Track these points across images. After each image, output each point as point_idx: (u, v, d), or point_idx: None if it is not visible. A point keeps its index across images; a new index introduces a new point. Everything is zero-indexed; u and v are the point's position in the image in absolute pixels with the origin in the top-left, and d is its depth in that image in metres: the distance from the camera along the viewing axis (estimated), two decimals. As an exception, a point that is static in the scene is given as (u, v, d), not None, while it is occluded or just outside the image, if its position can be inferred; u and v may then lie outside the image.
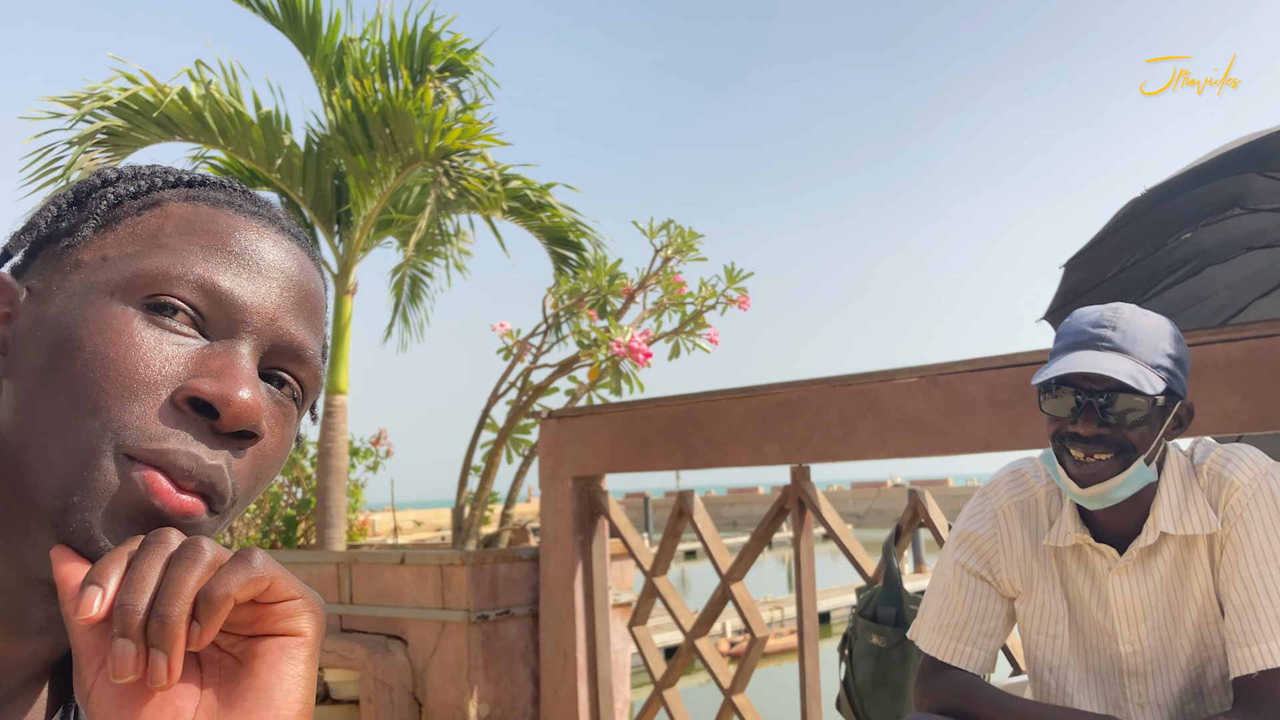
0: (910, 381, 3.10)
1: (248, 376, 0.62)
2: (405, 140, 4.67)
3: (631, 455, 3.75)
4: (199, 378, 0.61)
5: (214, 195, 0.69)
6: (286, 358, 0.67)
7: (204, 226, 0.66)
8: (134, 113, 4.52)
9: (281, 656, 0.56)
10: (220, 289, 0.64)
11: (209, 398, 0.60)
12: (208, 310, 0.64)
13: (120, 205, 0.67)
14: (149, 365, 0.61)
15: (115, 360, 0.60)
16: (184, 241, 0.65)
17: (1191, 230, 2.97)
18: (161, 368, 0.61)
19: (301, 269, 0.69)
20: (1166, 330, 1.67)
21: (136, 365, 0.60)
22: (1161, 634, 1.71)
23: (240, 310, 0.64)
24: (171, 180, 0.70)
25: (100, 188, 0.69)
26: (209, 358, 0.62)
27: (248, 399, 0.61)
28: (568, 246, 5.35)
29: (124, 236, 0.65)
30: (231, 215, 0.67)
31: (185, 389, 0.60)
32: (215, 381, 0.61)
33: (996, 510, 1.85)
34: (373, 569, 4.06)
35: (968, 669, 1.81)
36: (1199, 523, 1.66)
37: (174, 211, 0.67)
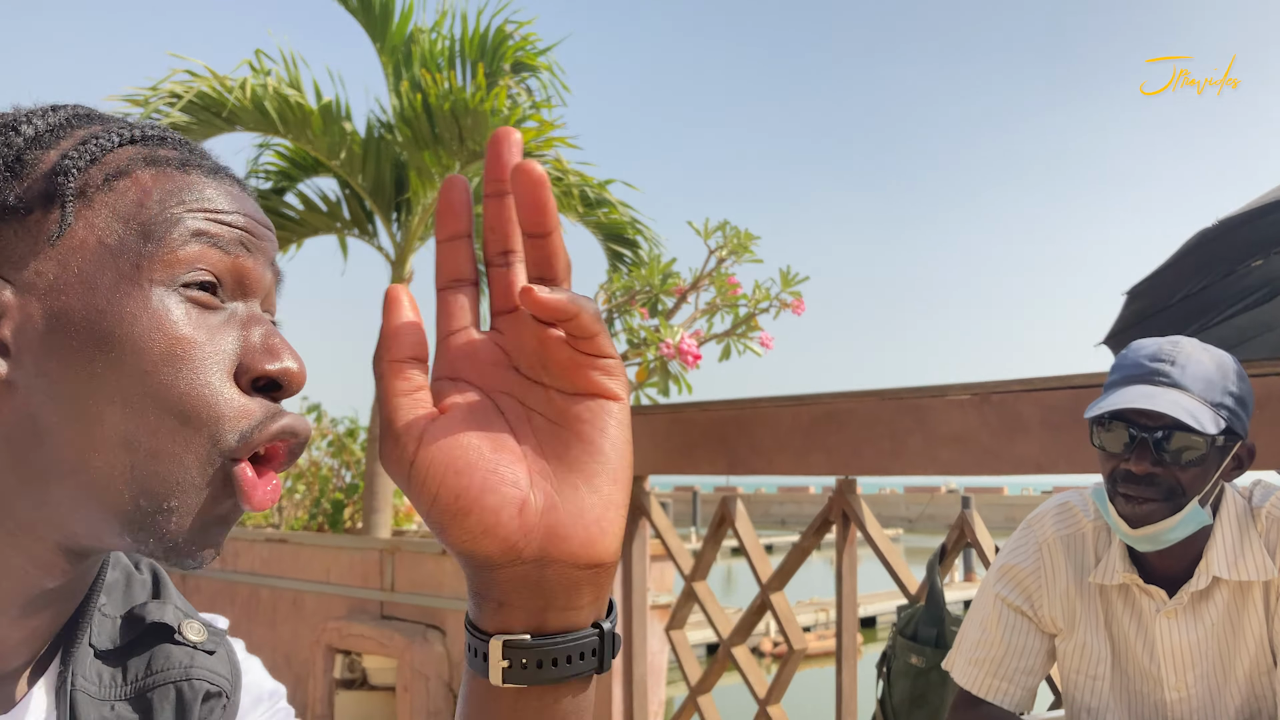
0: (962, 398, 3.03)
1: (286, 342, 0.65)
2: (472, 136, 4.69)
3: (676, 458, 3.73)
4: (253, 355, 0.63)
5: (168, 155, 0.67)
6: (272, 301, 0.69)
7: (185, 193, 0.65)
8: (198, 107, 4.59)
9: (606, 418, 0.53)
10: (230, 254, 0.65)
11: (275, 376, 0.63)
12: (223, 276, 0.65)
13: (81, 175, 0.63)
14: (214, 356, 0.62)
15: (186, 358, 0.61)
16: (177, 213, 0.63)
17: (1263, 258, 2.87)
18: (223, 354, 0.63)
19: (254, 205, 0.70)
20: (1229, 367, 1.60)
21: (206, 359, 0.61)
22: (1210, 682, 1.64)
23: (248, 273, 0.66)
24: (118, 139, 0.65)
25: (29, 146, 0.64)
26: (246, 329, 0.64)
27: (296, 369, 0.64)
28: (624, 244, 5.34)
29: (107, 216, 0.62)
30: (199, 175, 0.66)
31: (249, 371, 0.63)
32: (271, 358, 0.63)
33: (1041, 544, 1.80)
34: (415, 558, 4.09)
35: (1003, 705, 1.77)
36: (1255, 569, 1.59)
37: (144, 180, 0.64)
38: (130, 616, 0.74)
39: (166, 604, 0.76)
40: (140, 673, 0.73)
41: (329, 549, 4.45)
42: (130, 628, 0.74)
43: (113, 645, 0.72)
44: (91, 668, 0.70)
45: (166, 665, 0.73)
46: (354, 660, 4.22)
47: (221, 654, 0.78)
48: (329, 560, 4.42)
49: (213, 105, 4.60)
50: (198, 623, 0.77)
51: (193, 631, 0.76)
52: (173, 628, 0.75)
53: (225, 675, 0.77)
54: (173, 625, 0.75)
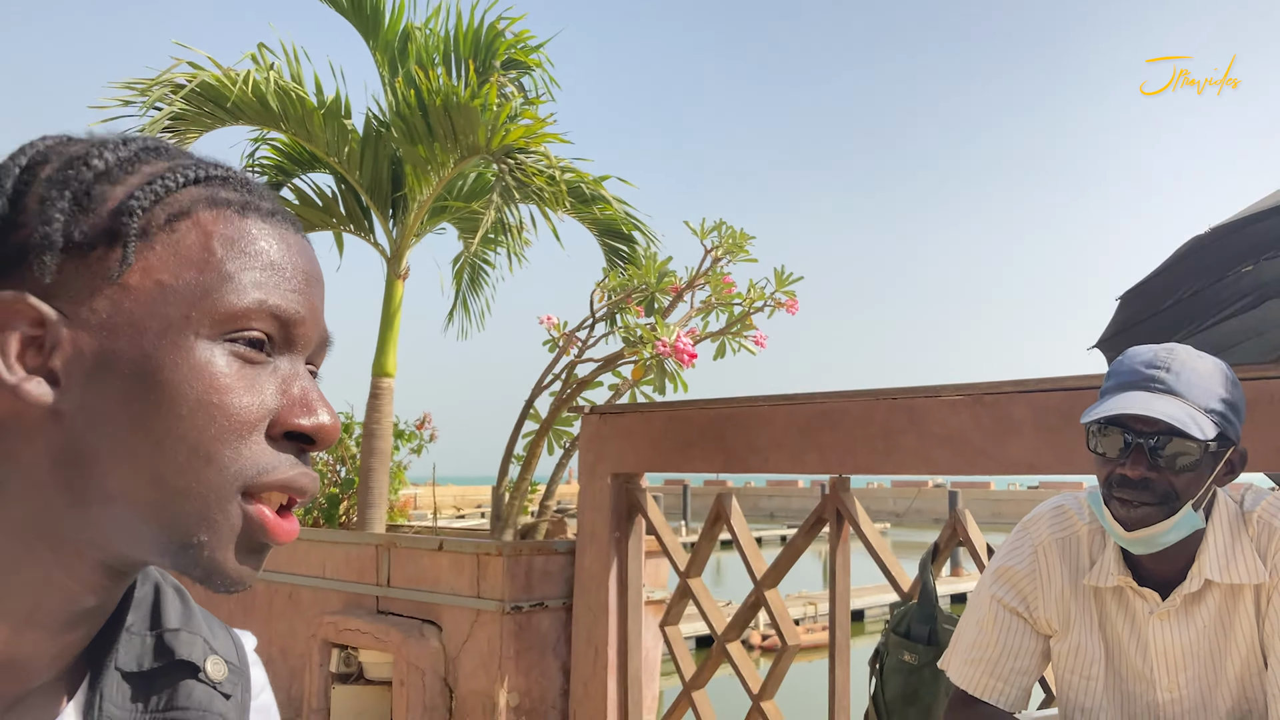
0: (955, 399, 3.07)
1: (324, 399, 0.68)
2: (466, 132, 4.70)
3: (672, 455, 3.76)
4: (290, 411, 0.66)
5: (230, 196, 0.68)
6: (320, 353, 0.72)
7: (244, 242, 0.67)
8: (200, 98, 4.59)
9: None
10: (283, 313, 0.67)
11: (309, 431, 0.66)
12: (274, 332, 0.67)
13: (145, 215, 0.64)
14: (249, 408, 0.64)
15: (220, 407, 0.63)
16: (236, 264, 0.65)
17: (1253, 264, 2.91)
18: (259, 406, 0.65)
19: (312, 259, 0.72)
20: (1222, 374, 1.64)
21: (240, 411, 0.64)
22: (1202, 683, 1.68)
23: (297, 326, 0.68)
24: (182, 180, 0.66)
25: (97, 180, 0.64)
26: (287, 383, 0.67)
27: (330, 424, 0.67)
28: (620, 239, 5.36)
29: (167, 259, 0.64)
30: (257, 221, 0.68)
31: (282, 424, 0.66)
32: (305, 411, 0.66)
33: (1037, 546, 1.83)
34: (411, 553, 4.11)
35: (998, 704, 1.80)
36: (1246, 572, 1.63)
37: (206, 224, 0.65)
38: (160, 641, 0.76)
39: (196, 637, 0.77)
40: (161, 703, 0.74)
41: (324, 544, 4.47)
42: (158, 653, 0.75)
43: (139, 668, 0.74)
44: (119, 691, 0.72)
45: (187, 704, 0.75)
46: (350, 655, 4.24)
47: (236, 697, 0.79)
48: (324, 555, 4.44)
49: (216, 97, 4.60)
50: (221, 660, 0.78)
51: (216, 670, 0.77)
52: (198, 666, 0.76)
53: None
54: (198, 664, 0.76)
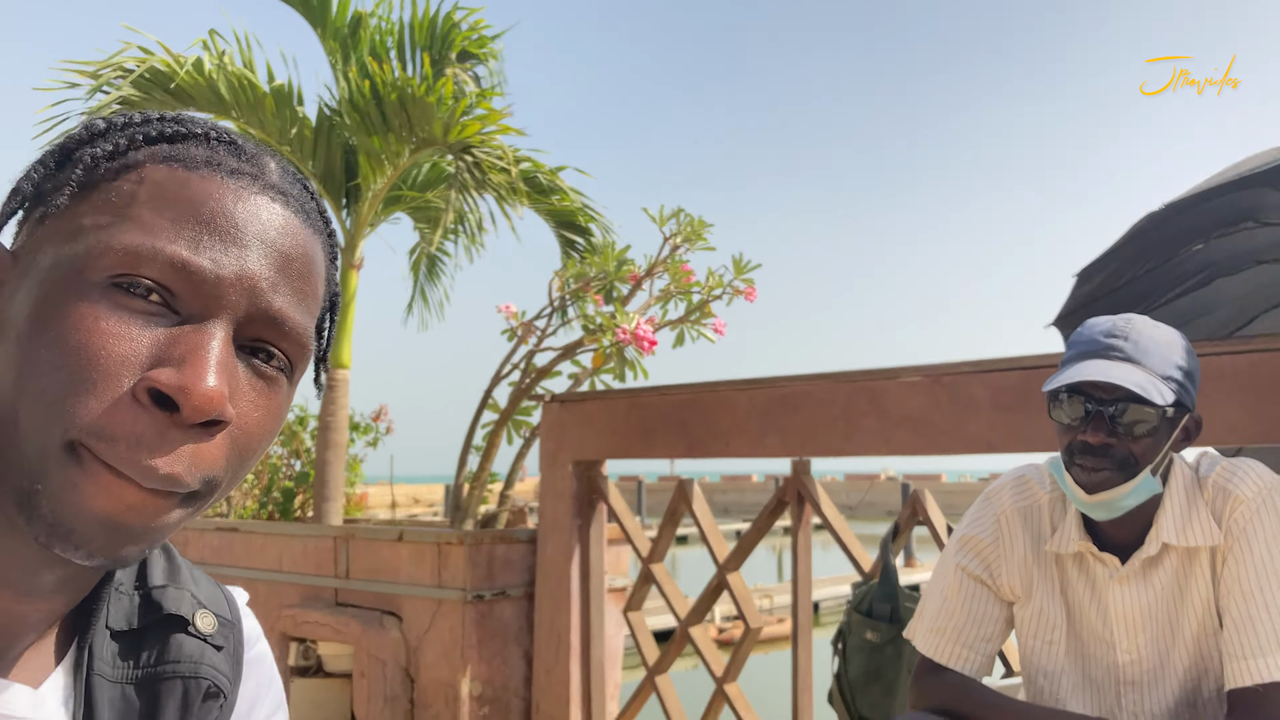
0: (915, 380, 3.11)
1: (214, 361, 0.59)
2: (421, 124, 4.66)
3: (633, 442, 3.77)
4: (160, 367, 0.59)
5: (193, 154, 0.65)
6: (266, 330, 0.64)
7: (177, 194, 0.62)
8: (149, 83, 4.51)
9: None
10: (189, 266, 0.60)
11: (168, 389, 0.58)
12: (179, 288, 0.61)
13: (97, 167, 0.64)
14: (110, 354, 0.58)
15: (76, 348, 0.58)
16: (155, 213, 0.61)
17: (1203, 242, 2.98)
18: (124, 356, 0.58)
19: (284, 231, 0.65)
20: (1178, 343, 1.68)
21: (97, 355, 0.58)
22: (1160, 645, 1.72)
23: (211, 286, 0.61)
24: (153, 134, 0.66)
25: (84, 144, 0.66)
26: (175, 341, 0.60)
27: (210, 388, 0.58)
28: (575, 231, 5.34)
29: (98, 204, 0.62)
30: (206, 178, 0.64)
31: (145, 380, 0.58)
32: (176, 372, 0.58)
33: (999, 515, 1.86)
34: (370, 545, 4.07)
35: (964, 672, 1.83)
36: (1202, 535, 1.67)
37: (149, 175, 0.63)
38: (147, 599, 0.75)
39: (183, 591, 0.77)
40: (152, 658, 0.73)
41: (281, 537, 4.41)
42: (146, 610, 0.74)
43: (128, 626, 0.73)
44: (108, 649, 0.71)
45: (178, 657, 0.74)
46: (309, 648, 4.20)
47: (228, 649, 0.79)
48: (281, 548, 4.39)
49: (165, 82, 4.52)
50: (210, 613, 0.78)
51: (205, 623, 0.77)
52: (186, 619, 0.76)
53: (227, 674, 0.78)
54: (187, 617, 0.76)
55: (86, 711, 0.69)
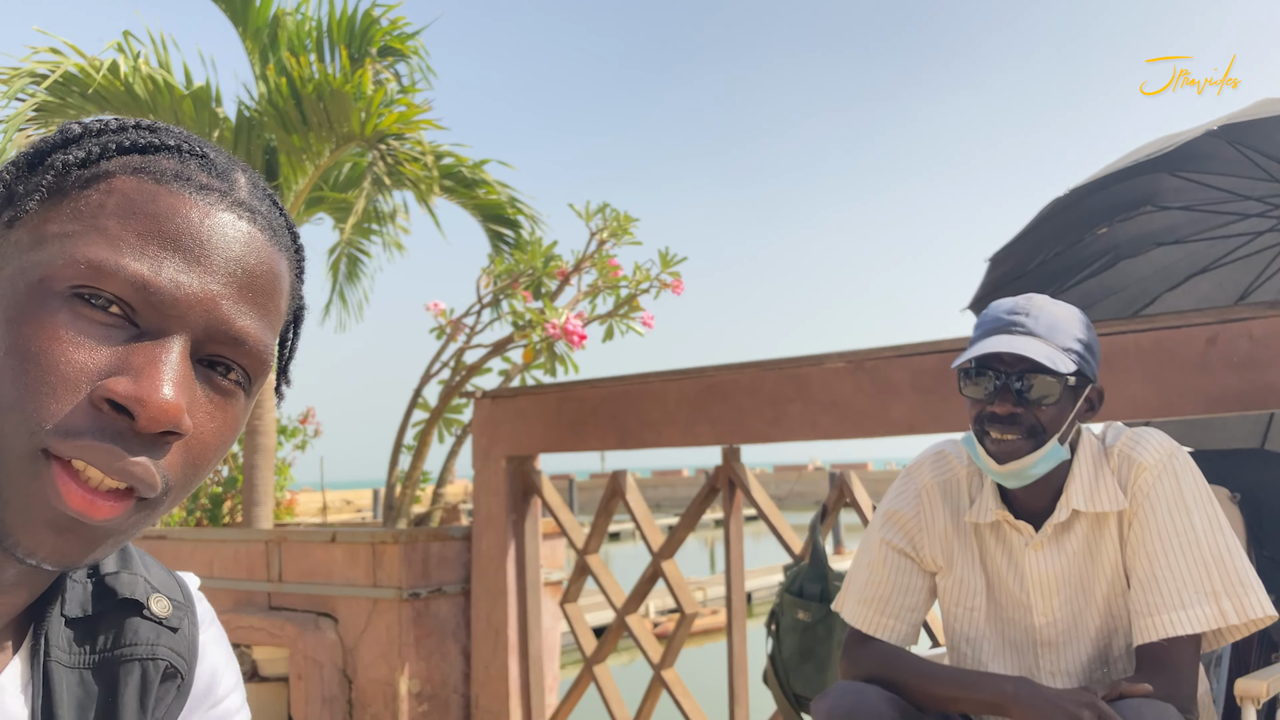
0: (838, 366, 3.19)
1: (170, 375, 0.61)
2: (341, 120, 4.63)
3: (566, 435, 3.80)
4: (117, 376, 0.60)
5: (163, 167, 0.66)
6: (225, 346, 0.65)
7: (144, 208, 0.63)
8: (63, 88, 4.41)
9: None
10: (150, 282, 0.61)
11: (123, 400, 0.59)
12: (138, 302, 0.62)
13: (68, 174, 0.65)
14: (69, 362, 0.59)
15: (36, 355, 0.59)
16: (121, 226, 0.62)
17: (1107, 226, 3.11)
18: (83, 364, 0.59)
19: (248, 248, 0.66)
20: (1077, 318, 1.77)
21: (56, 361, 0.59)
22: (1073, 606, 1.81)
23: (172, 303, 0.62)
24: (125, 144, 0.67)
25: (58, 148, 0.67)
26: (133, 353, 0.61)
27: (165, 400, 0.59)
28: (504, 224, 5.35)
29: (67, 211, 0.64)
30: (175, 192, 0.65)
31: (101, 389, 0.59)
32: (132, 382, 0.59)
33: (920, 489, 1.94)
34: (303, 547, 4.05)
35: (891, 641, 1.90)
36: (1108, 500, 1.77)
37: (118, 187, 0.64)
38: (100, 585, 0.76)
39: (136, 576, 0.77)
40: (108, 643, 0.74)
41: (211, 543, 4.36)
42: (100, 597, 0.75)
43: (83, 613, 0.74)
44: (63, 636, 0.72)
45: (134, 640, 0.75)
46: (243, 653, 4.15)
47: (183, 630, 0.80)
48: (211, 554, 4.33)
49: (80, 86, 4.42)
50: (163, 596, 0.79)
51: (159, 606, 0.78)
52: (141, 603, 0.77)
53: (183, 655, 0.79)
54: (141, 601, 0.77)
55: (45, 697, 0.70)
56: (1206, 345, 2.58)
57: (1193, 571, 1.69)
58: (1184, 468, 1.75)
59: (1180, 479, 1.74)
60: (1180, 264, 3.49)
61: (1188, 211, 3.29)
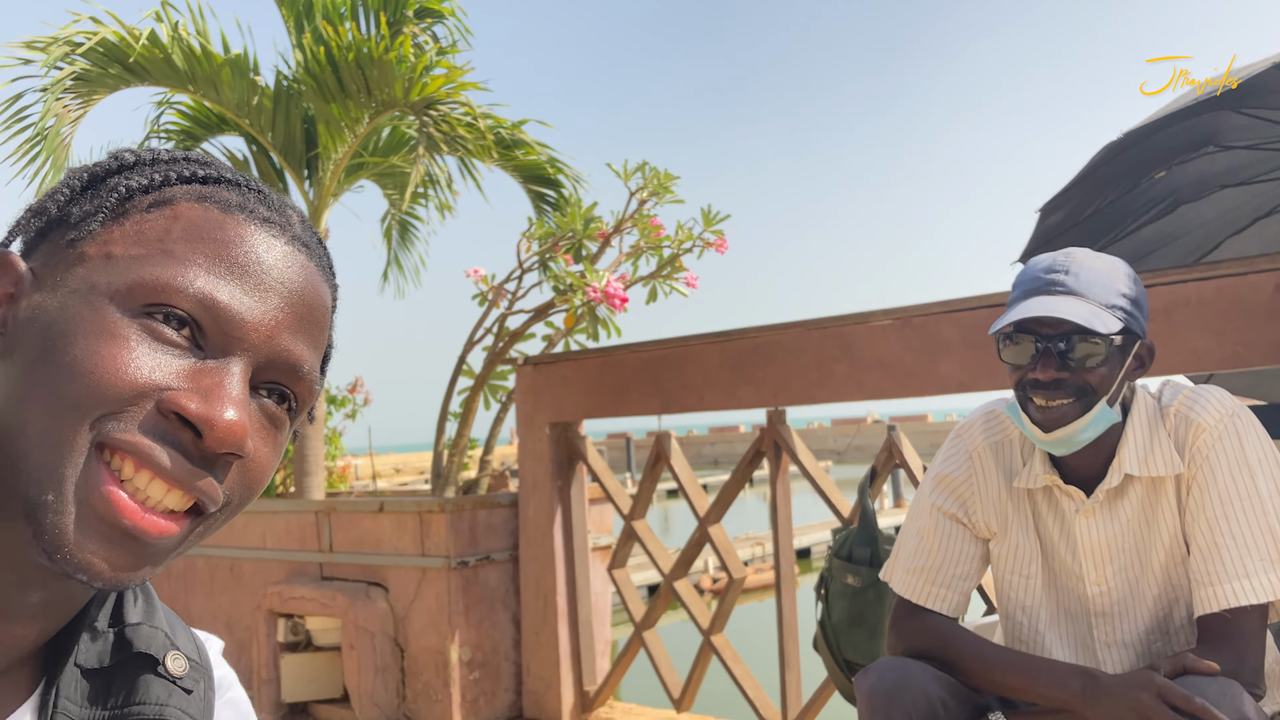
0: (885, 324, 3.10)
1: (235, 398, 0.62)
2: (380, 86, 4.58)
3: (608, 400, 3.76)
4: (187, 394, 0.61)
5: (226, 197, 0.68)
6: (282, 374, 0.67)
7: (211, 234, 0.65)
8: (102, 56, 4.41)
9: None
10: (219, 305, 0.63)
11: (193, 417, 0.60)
12: (206, 324, 0.63)
13: (131, 199, 0.66)
14: (139, 369, 0.60)
15: (106, 359, 0.59)
16: (189, 250, 0.64)
17: (1165, 169, 2.96)
18: (151, 374, 0.60)
19: (306, 281, 0.68)
20: (1121, 271, 1.66)
21: (126, 367, 0.60)
22: (1128, 575, 1.73)
23: (238, 327, 0.64)
24: (186, 175, 0.69)
25: (114, 174, 0.68)
26: (200, 374, 0.62)
27: (233, 421, 0.61)
28: (545, 184, 5.28)
29: (130, 234, 0.65)
30: (241, 222, 0.67)
31: (170, 400, 0.60)
32: (203, 401, 0.61)
33: (972, 452, 1.86)
34: (352, 517, 4.07)
35: (942, 612, 1.83)
36: (1164, 464, 1.67)
37: (183, 213, 0.66)
38: (120, 637, 0.73)
39: (156, 631, 0.75)
40: (120, 700, 0.72)
41: (263, 514, 4.40)
42: (118, 649, 0.73)
43: (99, 665, 0.72)
44: (77, 688, 0.70)
45: (144, 698, 0.73)
46: (297, 623, 4.20)
47: (198, 693, 0.77)
48: (264, 525, 4.37)
49: (119, 55, 4.42)
50: (182, 655, 0.76)
51: (176, 665, 0.75)
52: (157, 660, 0.74)
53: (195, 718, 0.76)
54: (157, 658, 0.74)
55: None
56: (1274, 292, 2.45)
57: (1257, 537, 1.59)
58: (1246, 427, 1.65)
59: (1243, 439, 1.63)
60: (1245, 207, 3.32)
61: (1253, 150, 3.12)
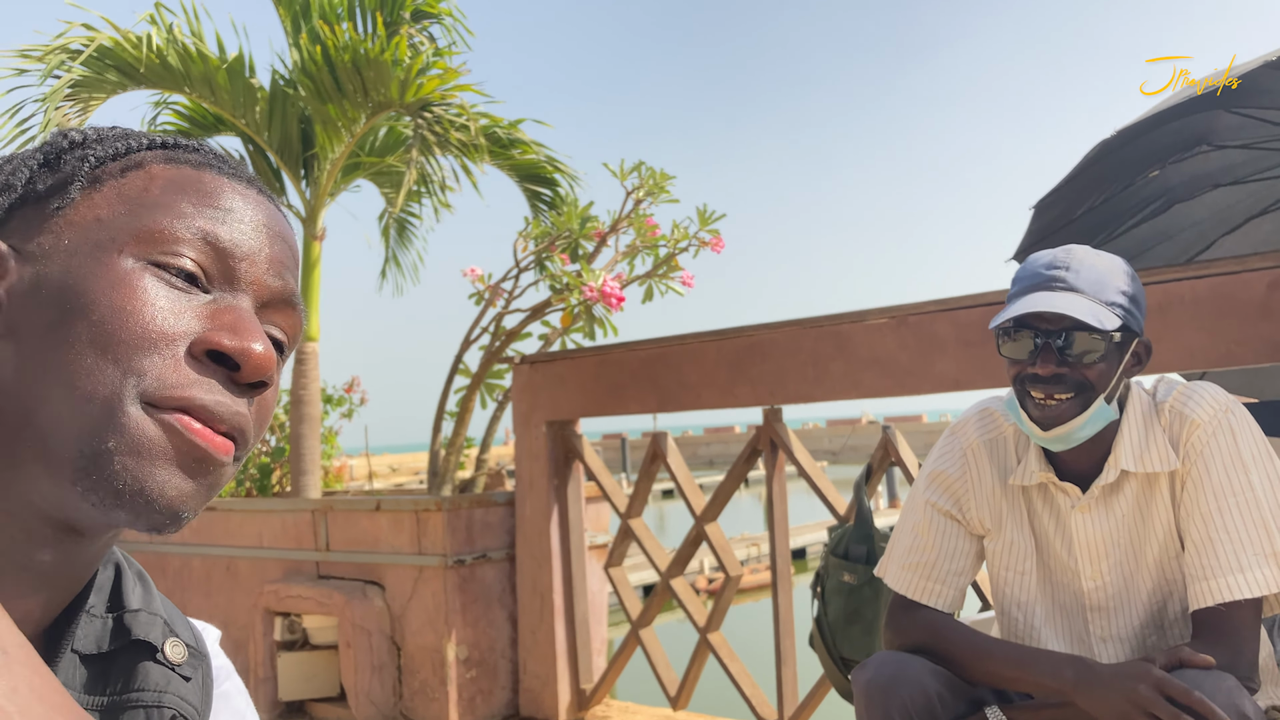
0: (881, 322, 3.11)
1: (259, 329, 0.66)
2: (377, 87, 4.58)
3: (605, 399, 3.76)
4: (216, 331, 0.64)
5: (192, 157, 0.71)
6: (277, 309, 0.70)
7: (191, 186, 0.68)
8: (98, 62, 4.41)
9: None
10: (221, 244, 0.67)
11: (231, 351, 0.63)
12: (210, 265, 0.66)
13: (101, 166, 0.69)
14: (165, 318, 0.63)
15: (133, 313, 0.62)
16: (176, 199, 0.67)
17: (1159, 168, 2.97)
18: (173, 322, 0.63)
19: (282, 225, 0.72)
20: (1120, 269, 1.68)
21: (154, 318, 0.62)
22: (1123, 570, 1.74)
23: (240, 263, 0.67)
24: (147, 142, 0.71)
25: (71, 149, 0.70)
26: (219, 312, 0.65)
27: (263, 351, 0.64)
28: (541, 183, 5.28)
29: (111, 197, 0.67)
30: (214, 176, 0.70)
31: (204, 341, 0.63)
32: (233, 335, 0.64)
33: (966, 449, 1.87)
34: (349, 516, 4.07)
35: (937, 607, 1.84)
36: (1159, 460, 1.68)
37: (157, 173, 0.69)
38: (118, 623, 0.74)
39: (155, 618, 0.76)
40: (118, 686, 0.72)
41: (259, 513, 4.40)
42: (116, 635, 0.73)
43: (97, 650, 0.72)
44: (75, 674, 0.70)
45: (143, 685, 0.73)
46: (294, 621, 4.20)
47: (197, 680, 0.77)
48: (260, 524, 4.37)
49: (115, 60, 4.42)
50: (181, 642, 0.76)
51: (174, 652, 0.76)
52: (155, 646, 0.74)
53: (195, 705, 0.77)
54: (156, 644, 0.74)
55: None
56: (1267, 290, 2.46)
57: (1251, 532, 1.60)
58: (1240, 423, 1.66)
59: (1237, 435, 1.65)
60: (1238, 206, 3.33)
61: (1246, 150, 3.14)
